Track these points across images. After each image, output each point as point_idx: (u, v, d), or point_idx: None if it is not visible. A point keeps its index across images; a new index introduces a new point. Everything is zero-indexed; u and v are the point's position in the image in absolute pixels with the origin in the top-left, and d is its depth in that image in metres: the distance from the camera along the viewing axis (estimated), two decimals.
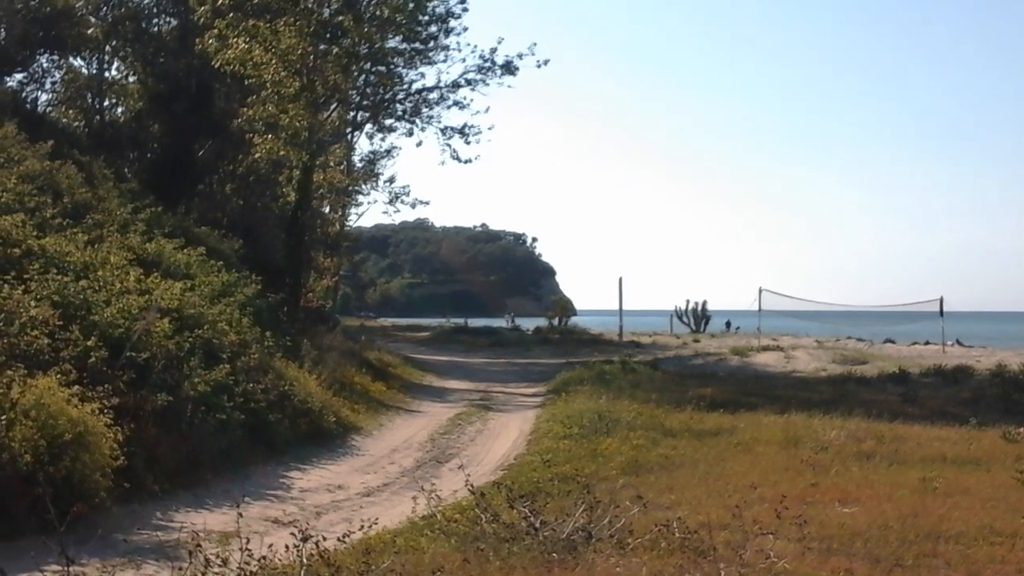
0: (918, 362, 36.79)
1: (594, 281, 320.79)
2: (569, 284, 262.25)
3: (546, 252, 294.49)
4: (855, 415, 20.55)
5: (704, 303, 75.16)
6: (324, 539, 8.66)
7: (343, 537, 9.46)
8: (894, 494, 12.75)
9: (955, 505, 12.04)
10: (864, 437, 17.94)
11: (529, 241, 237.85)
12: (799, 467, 14.90)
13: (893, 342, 56.59)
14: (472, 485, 11.45)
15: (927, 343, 53.69)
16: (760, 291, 53.46)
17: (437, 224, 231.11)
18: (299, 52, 30.53)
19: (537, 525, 9.81)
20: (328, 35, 31.54)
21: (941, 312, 51.31)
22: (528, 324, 71.42)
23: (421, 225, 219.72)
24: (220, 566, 8.09)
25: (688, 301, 75.83)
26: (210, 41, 30.41)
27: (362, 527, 9.94)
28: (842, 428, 18.77)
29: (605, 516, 10.19)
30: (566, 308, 74.34)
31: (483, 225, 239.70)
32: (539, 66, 37.28)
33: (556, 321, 66.97)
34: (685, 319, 74.46)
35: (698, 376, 32.43)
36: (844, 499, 12.51)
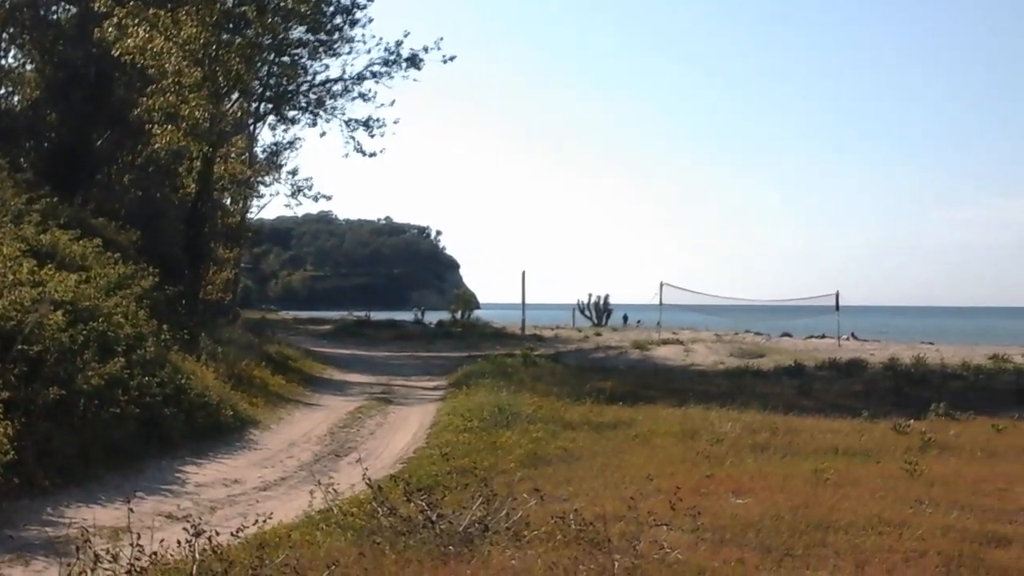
0: (814, 355, 37.44)
1: (498, 275, 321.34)
2: (473, 278, 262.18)
3: (450, 246, 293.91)
4: (751, 408, 20.93)
5: (606, 297, 75.62)
6: (217, 534, 8.54)
7: (237, 532, 9.34)
8: (787, 485, 12.96)
9: (845, 496, 12.28)
10: (759, 429, 18.26)
11: (433, 234, 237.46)
12: (695, 459, 15.09)
13: (790, 336, 57.57)
14: (369, 479, 11.38)
15: (823, 337, 54.72)
16: (661, 285, 54.06)
17: (341, 217, 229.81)
18: (201, 42, 30.00)
19: (434, 518, 9.79)
20: (231, 25, 31.09)
21: (837, 307, 52.33)
22: (432, 317, 71.25)
23: (324, 218, 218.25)
24: (110, 562, 7.94)
25: (590, 295, 76.23)
26: (110, 30, 29.72)
27: (256, 522, 9.84)
28: (738, 420, 19.08)
29: (502, 509, 10.21)
30: (469, 301, 74.20)
31: (387, 218, 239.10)
32: (445, 62, 37.27)
33: (459, 315, 66.88)
34: (587, 313, 74.83)
35: (599, 369, 32.69)
36: (738, 490, 12.68)
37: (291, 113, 39.36)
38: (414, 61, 36.42)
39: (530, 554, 8.91)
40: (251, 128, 45.69)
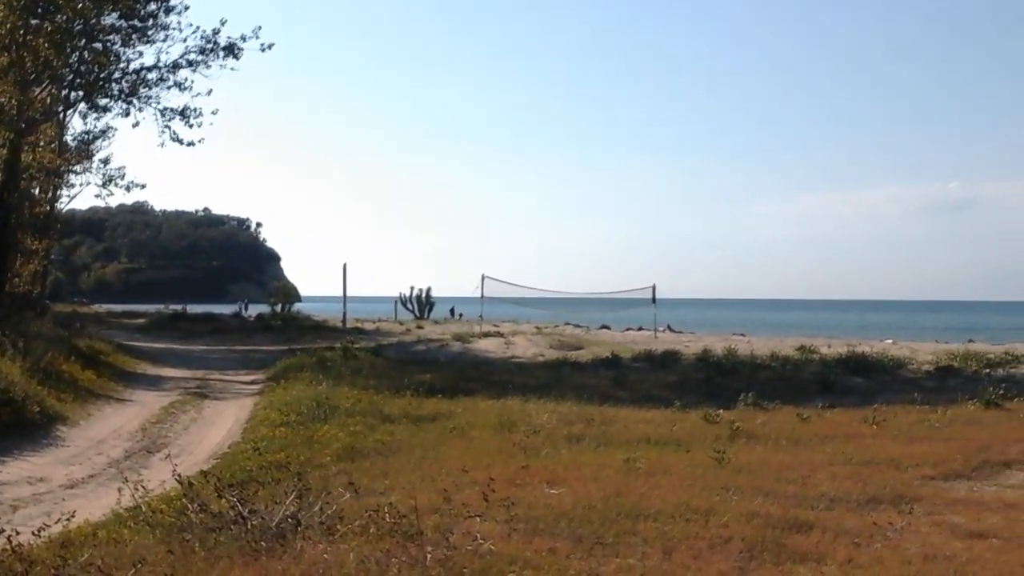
0: (630, 347, 38.14)
1: (320, 267, 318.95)
2: (295, 270, 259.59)
3: (271, 237, 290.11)
4: (568, 399, 21.21)
5: (428, 289, 75.75)
6: (18, 533, 8.28)
7: (39, 531, 9.06)
8: (600, 475, 13.17)
9: (656, 484, 12.56)
10: (575, 420, 18.53)
11: (253, 226, 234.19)
12: (511, 450, 15.22)
13: (609, 328, 58.62)
14: (180, 475, 11.16)
15: (640, 329, 55.86)
16: (483, 278, 54.26)
17: (157, 207, 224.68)
18: (8, 27, 28.93)
19: (245, 514, 9.64)
20: (40, 9, 30.06)
21: (654, 299, 53.36)
22: (255, 310, 70.21)
23: (140, 208, 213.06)
24: None
25: (412, 287, 76.25)
26: None
27: (59, 520, 9.55)
28: (555, 412, 19.34)
29: (316, 503, 10.12)
30: (290, 294, 73.46)
31: (206, 209, 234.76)
32: (263, 50, 36.74)
33: (279, 307, 66.04)
34: (409, 306, 74.80)
35: (419, 362, 32.65)
36: (552, 481, 12.84)
37: (103, 101, 38.20)
38: (232, 50, 35.83)
39: (343, 548, 8.84)
40: (61, 116, 44.25)
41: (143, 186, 63.96)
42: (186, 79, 36.22)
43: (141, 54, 37.24)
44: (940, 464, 14.54)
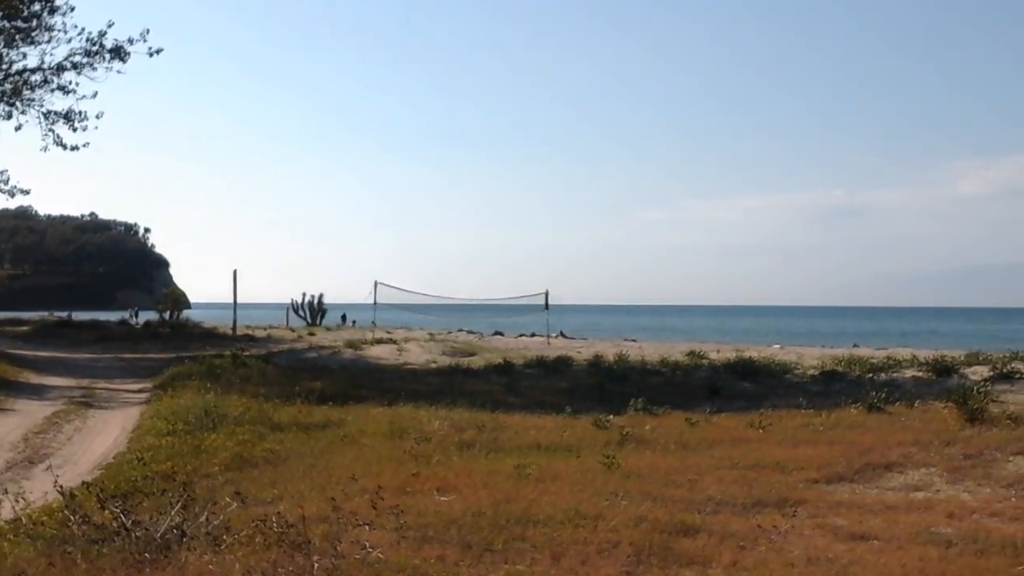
0: (523, 353, 38.23)
1: (210, 273, 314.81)
2: (184, 276, 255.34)
3: (160, 243, 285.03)
4: (460, 405, 21.24)
5: (320, 296, 75.12)
6: None
7: None
8: (490, 481, 13.20)
9: (546, 490, 12.63)
10: (466, 427, 18.54)
11: (141, 231, 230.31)
12: (402, 458, 15.18)
13: (502, 334, 58.74)
14: (62, 486, 10.93)
15: (533, 335, 56.08)
16: (376, 284, 54.04)
17: (41, 212, 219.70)
18: None
19: (129, 525, 9.49)
20: None
21: (546, 305, 53.60)
22: (145, 318, 69.02)
23: (24, 214, 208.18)
24: None
25: (304, 294, 75.57)
26: None
27: None
28: (446, 418, 19.36)
29: (202, 514, 10.00)
30: (179, 301, 72.11)
31: (92, 214, 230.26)
32: (151, 54, 36.13)
33: (168, 315, 64.94)
34: (301, 312, 74.16)
35: (310, 369, 32.41)
36: (443, 488, 12.85)
37: None
38: (119, 53, 35.23)
39: (228, 559, 8.75)
40: None
41: (27, 191, 62.37)
42: (71, 82, 35.53)
43: (24, 55, 36.39)
44: (824, 467, 14.81)
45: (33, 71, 35.49)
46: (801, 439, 17.73)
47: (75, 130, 36.07)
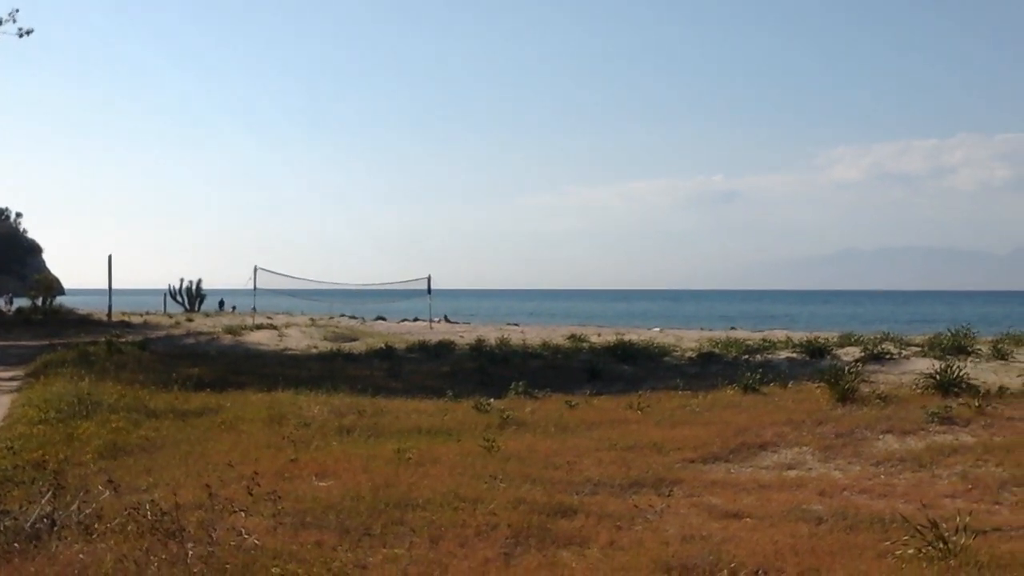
0: (405, 338, 38.19)
1: (85, 259, 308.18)
2: (58, 262, 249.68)
3: (33, 228, 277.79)
4: (340, 391, 21.11)
5: (199, 282, 74.07)
6: None
7: None
8: (370, 466, 13.14)
9: (425, 474, 12.63)
10: (346, 412, 18.44)
11: (13, 217, 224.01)
12: (281, 444, 15.02)
13: (385, 319, 58.71)
14: None
15: (416, 320, 56.09)
16: (256, 270, 53.46)
17: None
18: None
19: None
20: None
21: (429, 290, 53.71)
22: (20, 304, 67.35)
23: None
24: None
25: (183, 280, 74.40)
26: None
27: None
28: (326, 404, 19.23)
29: (74, 502, 9.80)
30: (52, 287, 70.54)
31: None
32: (21, 35, 35.18)
33: (40, 301, 63.43)
34: (179, 298, 73.08)
35: (188, 356, 31.91)
36: (321, 473, 12.77)
37: None
38: None
39: (100, 548, 8.60)
40: None
41: None
42: None
43: None
44: (700, 447, 15.07)
45: None
46: (678, 420, 18.00)
47: None
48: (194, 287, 73.35)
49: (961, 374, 20.09)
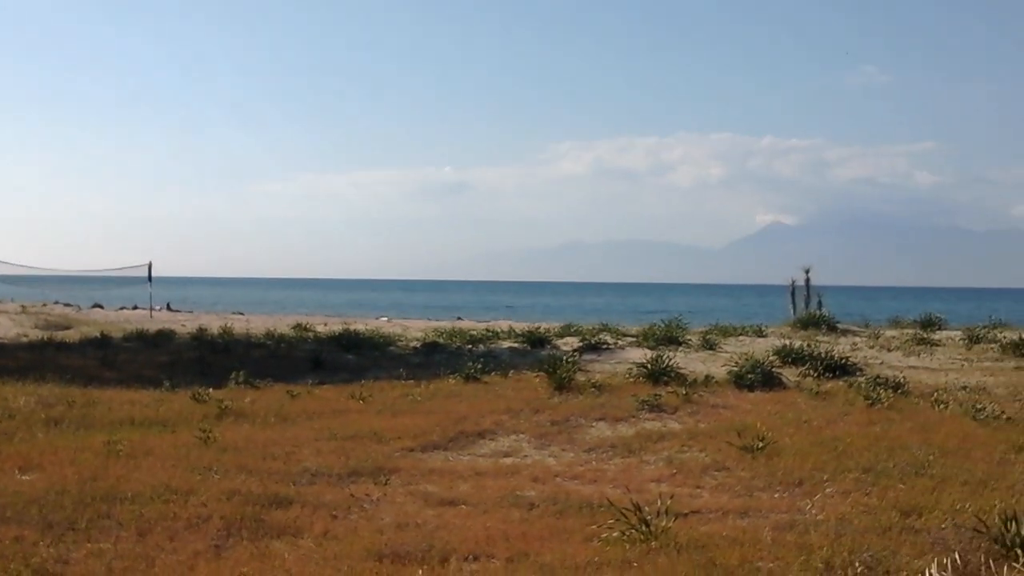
0: (123, 326, 36.91)
1: None
2: None
3: None
4: (50, 381, 20.26)
5: None
6: None
7: None
8: (78, 458, 12.72)
9: (136, 466, 12.34)
10: (55, 403, 17.78)
11: None
12: None
13: (102, 307, 56.59)
14: None
15: (136, 307, 54.39)
16: None
17: None
18: None
19: None
20: None
21: (150, 277, 52.17)
22: None
23: None
24: None
25: None
26: None
27: None
28: (34, 394, 18.50)
29: None
30: None
31: None
32: None
33: None
34: None
35: None
36: (25, 466, 12.30)
37: None
38: None
39: None
40: None
41: None
42: None
43: None
44: (419, 436, 15.22)
45: None
46: (400, 409, 18.14)
47: None
48: None
49: (671, 364, 21.07)
